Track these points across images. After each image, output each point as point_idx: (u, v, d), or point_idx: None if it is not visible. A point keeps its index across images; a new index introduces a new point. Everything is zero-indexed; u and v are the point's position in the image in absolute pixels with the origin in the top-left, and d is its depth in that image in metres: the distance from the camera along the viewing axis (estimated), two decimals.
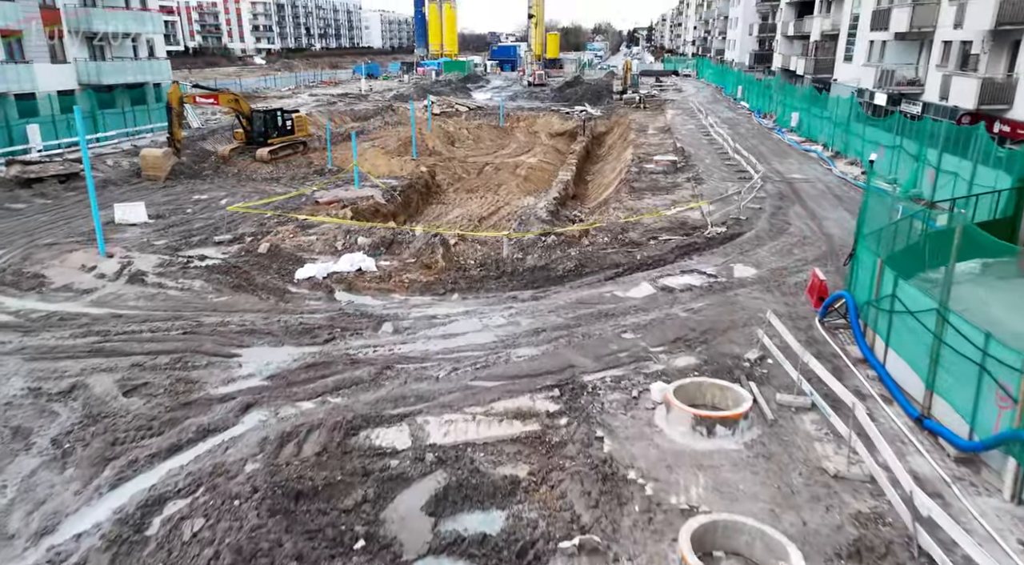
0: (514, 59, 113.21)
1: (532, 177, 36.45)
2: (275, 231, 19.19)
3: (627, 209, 22.53)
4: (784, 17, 55.07)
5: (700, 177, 26.68)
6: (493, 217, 27.67)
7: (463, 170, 37.20)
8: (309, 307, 14.48)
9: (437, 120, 51.78)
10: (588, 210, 28.96)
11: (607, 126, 54.28)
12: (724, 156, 31.48)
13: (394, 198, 25.98)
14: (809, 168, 27.79)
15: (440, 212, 28.41)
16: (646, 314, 13.62)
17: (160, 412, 10.16)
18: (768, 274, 15.44)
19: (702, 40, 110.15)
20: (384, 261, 17.34)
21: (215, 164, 30.14)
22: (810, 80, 43.59)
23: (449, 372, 11.52)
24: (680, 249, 17.28)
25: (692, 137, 37.94)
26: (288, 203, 23.39)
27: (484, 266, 17.22)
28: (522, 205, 28.79)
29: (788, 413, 9.65)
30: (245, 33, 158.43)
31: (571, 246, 18.63)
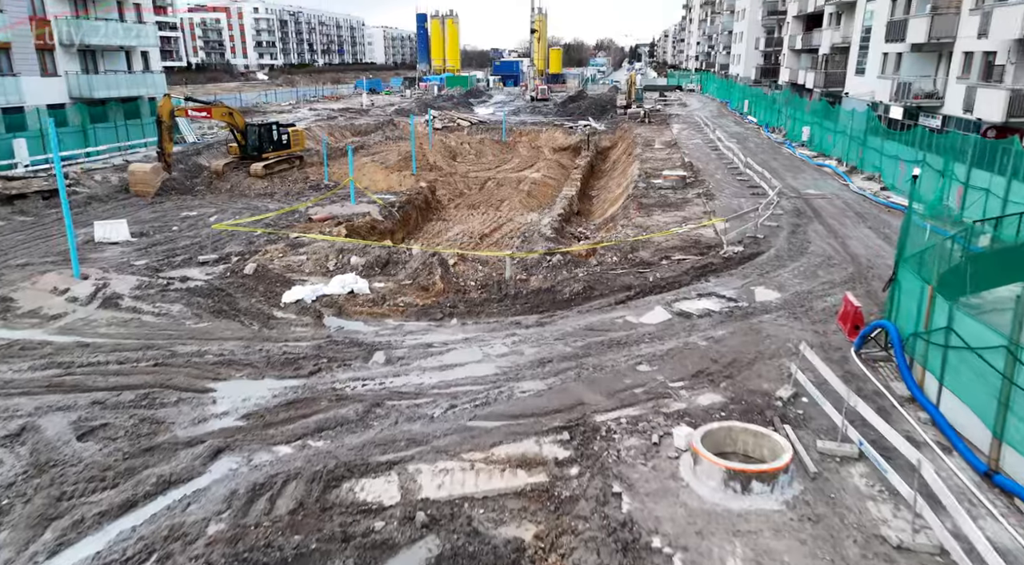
0: (516, 74, 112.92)
1: (535, 193, 35.43)
2: (263, 250, 18.07)
3: (636, 227, 21.40)
4: (791, 31, 54.29)
5: (711, 193, 25.57)
6: (495, 234, 26.60)
7: (464, 185, 36.21)
8: (295, 334, 13.31)
9: (439, 135, 51.01)
10: (594, 227, 27.88)
11: (611, 141, 53.46)
12: (735, 171, 30.41)
13: (392, 214, 24.91)
14: (825, 184, 26.68)
15: (440, 229, 27.35)
16: (662, 343, 12.43)
17: (117, 460, 8.97)
18: (793, 298, 14.25)
19: (705, 55, 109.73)
20: (378, 282, 16.19)
21: (208, 179, 29.12)
22: (820, 94, 42.64)
23: (446, 410, 10.34)
24: (695, 270, 16.11)
25: (700, 152, 36.92)
26: (280, 220, 22.32)
27: (485, 288, 16.06)
28: (525, 222, 27.72)
29: (832, 464, 8.43)
30: (248, 49, 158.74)
31: (578, 266, 17.48)
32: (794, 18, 53.57)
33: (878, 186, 24.74)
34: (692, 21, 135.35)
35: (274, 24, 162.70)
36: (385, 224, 24.00)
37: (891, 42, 31.09)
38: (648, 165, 33.73)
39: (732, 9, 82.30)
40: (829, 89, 41.11)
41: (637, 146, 41.60)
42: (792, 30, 54.02)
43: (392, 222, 24.61)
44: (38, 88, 30.91)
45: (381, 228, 23.49)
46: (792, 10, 53.81)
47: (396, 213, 25.30)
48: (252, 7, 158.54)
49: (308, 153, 35.83)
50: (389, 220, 24.52)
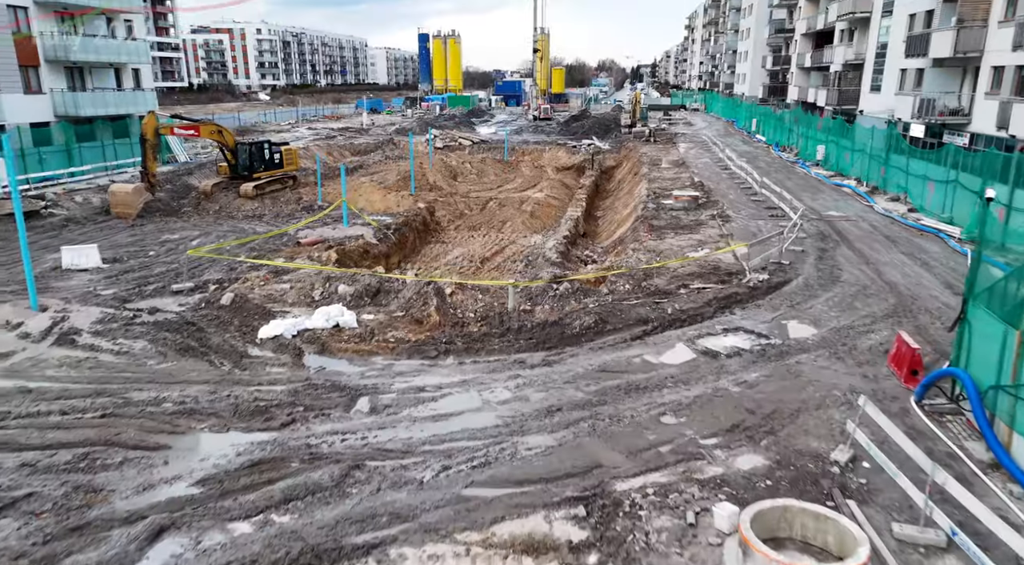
0: (519, 94, 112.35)
1: (539, 213, 34.04)
2: (244, 278, 16.57)
3: (648, 251, 19.88)
4: (799, 49, 53.24)
5: (726, 214, 24.10)
6: (497, 258, 25.13)
7: (465, 206, 34.84)
8: (269, 376, 11.75)
9: (439, 154, 49.88)
10: (601, 250, 26.40)
11: (616, 160, 52.28)
12: (748, 191, 28.98)
13: (387, 237, 23.44)
14: (846, 205, 25.22)
15: (439, 252, 25.88)
16: (687, 388, 10.85)
17: (35, 543, 7.38)
18: (832, 335, 12.68)
19: (709, 75, 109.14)
20: (368, 314, 14.66)
21: (195, 200, 27.75)
22: (832, 112, 41.39)
23: (437, 473, 8.76)
24: (719, 301, 14.55)
25: (710, 171, 35.55)
26: (266, 244, 20.85)
27: (486, 320, 14.51)
28: (529, 244, 26.27)
29: (916, 556, 6.81)
30: (251, 70, 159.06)
31: (588, 295, 15.93)
32: (802, 36, 52.55)
33: (905, 207, 23.26)
34: (695, 41, 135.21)
35: (276, 45, 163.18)
36: (380, 247, 22.54)
37: (911, 57, 29.84)
38: (656, 185, 32.34)
39: (736, 29, 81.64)
40: (843, 107, 39.84)
41: (643, 165, 40.31)
42: (800, 48, 52.97)
43: (387, 245, 23.15)
44: (20, 106, 29.70)
45: (375, 252, 22.02)
46: (800, 28, 52.82)
47: (392, 236, 23.85)
48: (255, 28, 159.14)
49: (303, 173, 34.57)
50: (384, 243, 23.06)
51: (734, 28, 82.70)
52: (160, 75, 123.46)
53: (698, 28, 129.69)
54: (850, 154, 29.69)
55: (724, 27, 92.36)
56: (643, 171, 38.54)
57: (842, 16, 40.12)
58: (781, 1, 59.60)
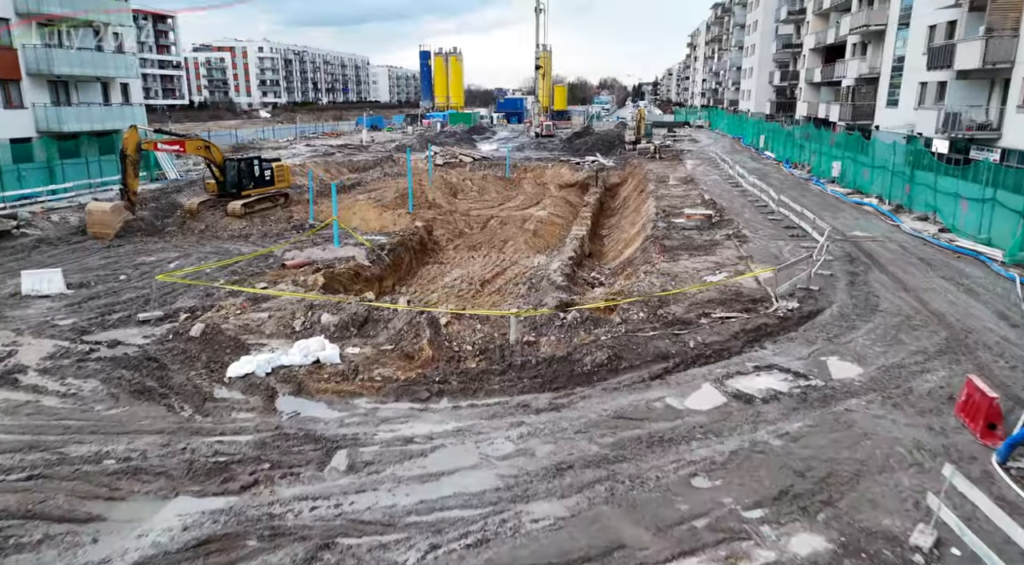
0: (521, 111, 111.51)
1: (542, 232, 32.59)
2: (218, 306, 15.04)
3: (662, 274, 18.35)
4: (808, 64, 52.06)
5: (742, 234, 22.59)
6: (498, 279, 23.62)
7: (465, 224, 33.42)
8: (234, 424, 10.19)
9: (439, 171, 48.66)
10: (609, 271, 24.89)
11: (621, 177, 51.04)
12: (763, 209, 27.52)
13: (380, 259, 21.95)
14: (871, 224, 23.71)
15: (437, 273, 24.38)
16: (720, 441, 9.27)
17: None
18: (881, 375, 11.09)
19: (712, 92, 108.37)
20: (353, 348, 13.10)
21: (181, 219, 26.33)
22: (845, 127, 40.07)
23: (424, 554, 7.19)
24: (746, 333, 12.99)
25: (720, 188, 34.13)
26: (249, 266, 19.34)
27: (485, 354, 12.95)
28: (532, 265, 24.78)
29: None
30: (252, 87, 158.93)
31: (598, 325, 14.38)
32: (811, 51, 51.41)
33: (935, 227, 21.74)
34: (697, 59, 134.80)
35: (278, 63, 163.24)
36: (372, 270, 21.03)
37: (934, 69, 28.48)
38: (665, 203, 30.91)
39: (741, 45, 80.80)
40: (857, 122, 38.50)
41: (650, 182, 38.96)
42: (809, 63, 51.79)
43: (381, 267, 21.65)
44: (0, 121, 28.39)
45: (367, 275, 20.51)
46: (809, 43, 51.70)
47: (386, 257, 22.36)
48: (257, 47, 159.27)
49: (297, 190, 33.22)
50: (377, 265, 21.56)
51: (738, 45, 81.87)
52: (161, 93, 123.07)
53: (700, 46, 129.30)
54: (869, 171, 28.24)
55: (728, 44, 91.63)
56: (649, 188, 37.18)
57: (855, 30, 38.92)
58: (788, 17, 58.64)
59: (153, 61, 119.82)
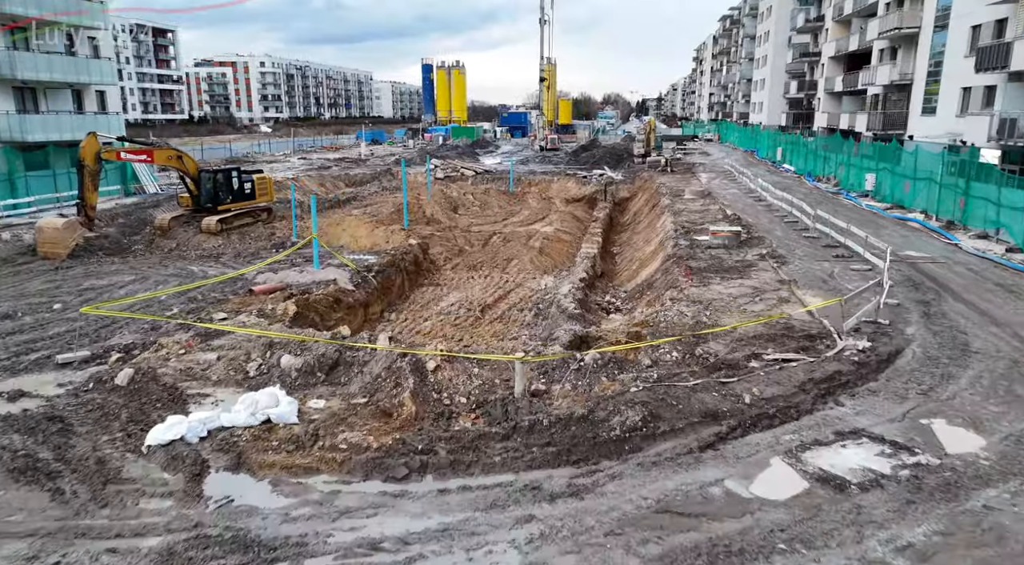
0: (525, 125, 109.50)
1: (548, 250, 29.95)
2: (158, 345, 12.36)
3: (692, 301, 15.65)
4: (828, 73, 49.63)
5: (778, 254, 19.91)
6: (501, 304, 20.95)
7: (466, 241, 30.84)
8: (138, 520, 7.47)
9: (439, 185, 46.26)
10: (625, 294, 22.22)
11: (630, 191, 48.63)
12: (794, 225, 24.90)
13: (367, 281, 19.29)
14: (921, 242, 21.03)
15: (432, 297, 21.71)
16: (815, 557, 6.50)
17: None
18: (1014, 450, 8.33)
19: (720, 105, 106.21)
20: (317, 399, 10.41)
21: (149, 237, 23.79)
22: (872, 137, 37.50)
23: None
24: (815, 384, 10.26)
25: (742, 203, 31.52)
26: (213, 291, 16.69)
27: (482, 408, 10.24)
28: (538, 288, 22.14)
29: None
30: (253, 102, 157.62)
31: (623, 367, 11.66)
32: (831, 59, 48.99)
33: (1000, 247, 19.04)
34: (703, 73, 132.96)
35: (280, 78, 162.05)
36: (356, 295, 18.37)
37: (983, 72, 25.90)
38: (683, 218, 28.29)
39: (751, 57, 78.64)
40: (888, 132, 35.89)
41: (663, 196, 36.40)
42: (829, 72, 49.35)
43: (366, 291, 18.99)
44: None
45: (350, 301, 17.84)
46: (828, 51, 49.29)
47: (373, 279, 19.70)
48: (258, 61, 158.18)
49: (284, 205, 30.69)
50: (363, 289, 18.90)
51: (749, 56, 79.71)
52: (160, 107, 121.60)
53: (707, 59, 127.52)
54: (911, 183, 25.56)
55: (737, 56, 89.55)
56: (664, 202, 34.60)
57: (884, 34, 36.40)
58: (805, 25, 56.31)
59: (153, 75, 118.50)
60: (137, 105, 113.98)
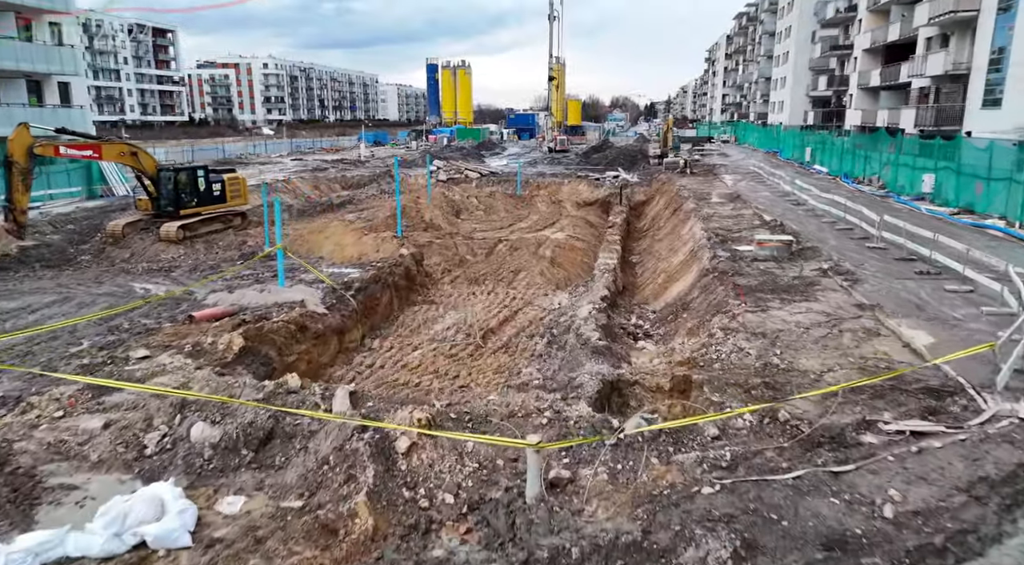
0: (532, 127, 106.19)
1: (560, 259, 26.53)
2: (28, 404, 8.95)
3: (752, 332, 12.18)
4: (862, 66, 45.96)
5: (843, 269, 16.40)
6: (507, 328, 17.54)
7: (468, 249, 27.46)
8: None
9: (441, 187, 42.97)
10: (655, 315, 18.76)
11: (647, 194, 45.19)
12: (849, 234, 21.43)
13: (344, 301, 15.88)
14: (1015, 255, 17.44)
15: (425, 318, 18.29)
16: None
17: None
18: None
19: (736, 105, 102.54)
20: (232, 498, 6.99)
21: (100, 245, 20.52)
22: (919, 134, 33.90)
23: None
24: (989, 485, 6.73)
25: (780, 207, 28.03)
26: (144, 318, 13.29)
27: (477, 512, 6.79)
28: (551, 306, 18.72)
29: None
30: (256, 104, 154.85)
31: (680, 443, 8.17)
32: (865, 52, 45.36)
33: None
34: (716, 74, 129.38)
35: (283, 80, 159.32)
36: (329, 319, 14.95)
37: None
38: (715, 224, 24.83)
39: (770, 54, 75.06)
40: (941, 128, 32.24)
41: (686, 200, 32.94)
42: (863, 65, 45.71)
43: (343, 314, 15.56)
44: None
45: (319, 327, 14.41)
46: (862, 43, 45.64)
47: (353, 298, 16.29)
48: (261, 63, 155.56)
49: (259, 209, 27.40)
50: (338, 311, 15.48)
51: (768, 54, 76.11)
52: (159, 109, 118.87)
53: (720, 60, 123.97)
54: (984, 185, 21.98)
55: (753, 54, 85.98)
56: (688, 206, 31.15)
57: (934, 20, 32.70)
58: (836, 16, 52.60)
59: (152, 76, 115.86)
60: (135, 106, 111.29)
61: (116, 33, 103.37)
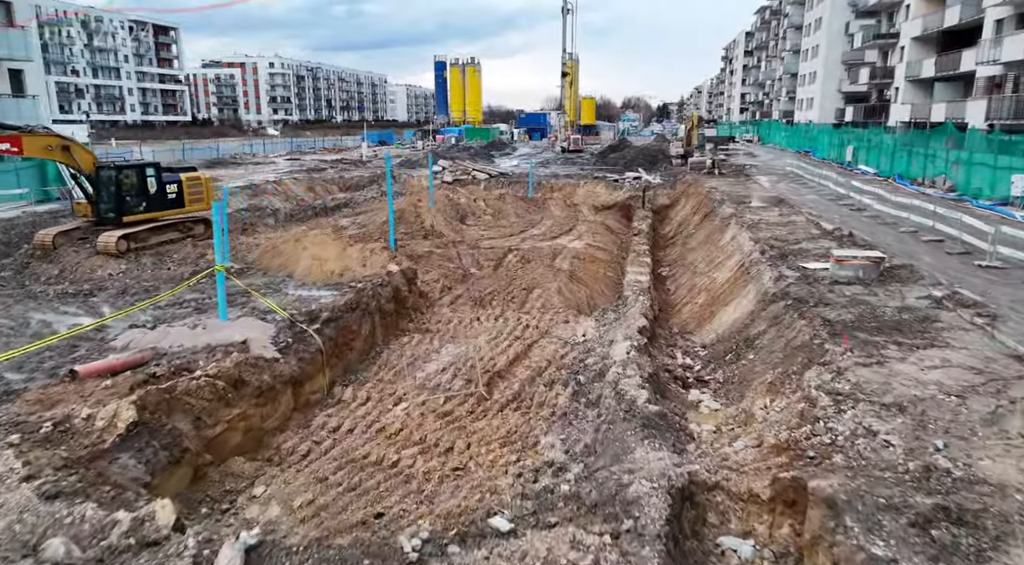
0: (543, 127, 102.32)
1: (581, 273, 22.77)
2: None
3: (879, 401, 8.30)
4: (911, 56, 41.78)
5: (965, 298, 12.48)
6: (517, 369, 13.72)
7: (473, 261, 23.70)
8: None
9: (445, 189, 39.24)
10: (705, 352, 14.90)
11: (671, 197, 41.30)
12: (939, 247, 17.46)
13: (304, 340, 12.06)
14: None
15: (416, 355, 14.45)
16: None
17: None
18: None
19: (757, 104, 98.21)
20: None
21: (24, 259, 16.88)
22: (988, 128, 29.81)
23: None
24: None
25: (835, 213, 24.13)
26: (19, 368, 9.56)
27: None
28: (574, 338, 14.95)
29: None
30: (262, 105, 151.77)
31: None
32: (914, 40, 41.23)
33: None
34: (734, 72, 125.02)
35: (290, 79, 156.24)
36: (282, 367, 11.14)
37: None
38: (766, 234, 20.96)
39: (797, 49, 70.84)
40: (1019, 121, 28.09)
41: (721, 204, 29.08)
42: (913, 55, 41.53)
43: (303, 358, 11.74)
44: None
45: (266, 380, 10.59)
46: (911, 30, 41.46)
47: (319, 334, 12.47)
48: (268, 62, 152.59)
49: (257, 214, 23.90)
50: (296, 354, 11.66)
51: (793, 49, 71.88)
52: (161, 108, 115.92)
53: (738, 57, 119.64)
54: None
55: (777, 50, 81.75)
56: (724, 211, 27.31)
57: None
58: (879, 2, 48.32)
59: (153, 75, 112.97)
60: (136, 106, 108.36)
61: (116, 30, 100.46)
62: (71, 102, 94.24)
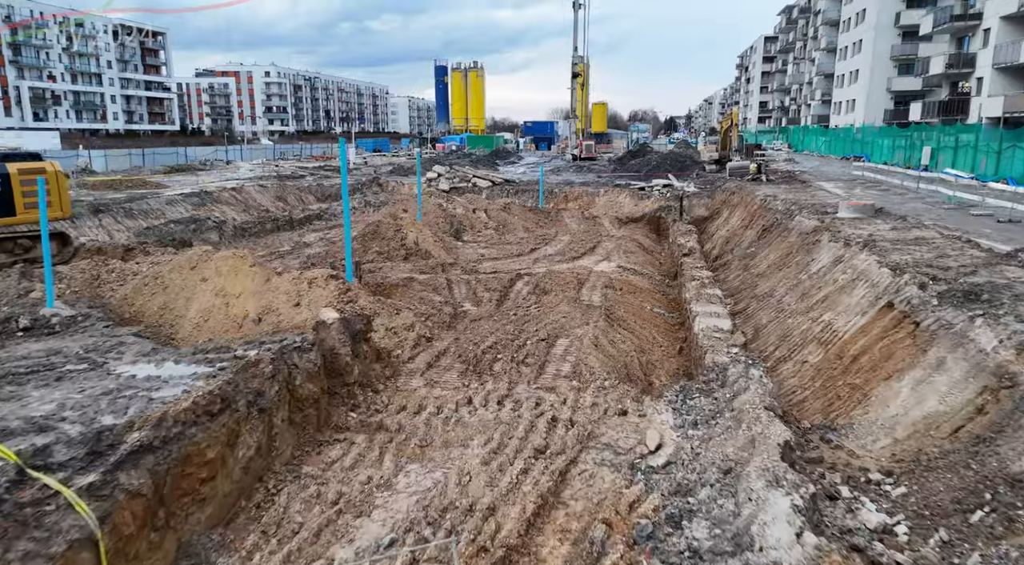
0: (551, 136, 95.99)
1: (622, 311, 15.94)
2: None
3: None
4: (998, 39, 35.14)
5: None
6: (543, 543, 6.69)
7: (469, 291, 17.07)
8: None
9: (441, 198, 32.86)
10: (885, 477, 7.89)
11: (709, 208, 34.88)
12: None
13: (56, 517, 5.11)
14: None
15: (342, 496, 7.50)
16: None
17: None
18: None
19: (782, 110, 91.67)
20: None
21: None
22: None
23: None
24: None
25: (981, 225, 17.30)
26: None
27: None
28: (639, 447, 7.94)
29: None
30: (257, 115, 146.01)
31: None
32: (1004, 19, 34.63)
33: None
34: (751, 80, 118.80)
35: (286, 89, 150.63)
36: None
37: None
38: (898, 257, 14.30)
39: (832, 47, 64.31)
40: None
41: (792, 216, 22.46)
42: (1003, 38, 34.91)
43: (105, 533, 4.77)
44: None
45: None
46: (1000, 8, 34.80)
47: (99, 497, 5.50)
48: (263, 71, 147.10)
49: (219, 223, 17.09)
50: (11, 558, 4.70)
51: (828, 47, 65.38)
52: (146, 117, 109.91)
53: (756, 65, 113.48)
54: None
55: (805, 52, 75.29)
56: (804, 224, 20.77)
57: None
58: None
59: (139, 82, 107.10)
60: (120, 114, 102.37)
61: (97, 33, 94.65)
62: (46, 109, 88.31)
